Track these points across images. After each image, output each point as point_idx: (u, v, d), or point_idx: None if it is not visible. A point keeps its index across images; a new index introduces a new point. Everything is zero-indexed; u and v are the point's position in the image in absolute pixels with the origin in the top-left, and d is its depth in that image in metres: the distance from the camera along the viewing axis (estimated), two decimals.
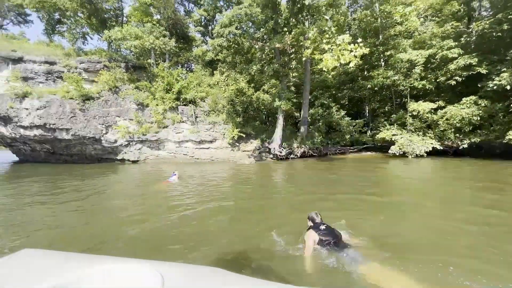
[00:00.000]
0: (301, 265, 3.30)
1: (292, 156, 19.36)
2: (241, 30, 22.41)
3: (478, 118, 15.63)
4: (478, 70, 15.16)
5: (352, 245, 3.49)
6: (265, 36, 17.68)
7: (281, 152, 18.73)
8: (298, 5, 16.33)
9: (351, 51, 12.07)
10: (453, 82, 16.20)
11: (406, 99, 19.67)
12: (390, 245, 3.84)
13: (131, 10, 24.93)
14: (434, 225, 4.86)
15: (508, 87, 13.46)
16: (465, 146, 16.47)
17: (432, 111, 17.94)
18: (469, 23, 19.39)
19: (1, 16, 28.44)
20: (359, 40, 11.99)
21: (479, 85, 15.56)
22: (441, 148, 17.51)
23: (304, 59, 16.23)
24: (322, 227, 3.58)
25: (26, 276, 1.02)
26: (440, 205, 6.22)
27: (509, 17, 13.92)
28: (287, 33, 14.65)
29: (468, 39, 16.78)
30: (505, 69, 13.76)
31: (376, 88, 22.14)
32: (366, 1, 15.90)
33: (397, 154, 17.72)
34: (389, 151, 18.09)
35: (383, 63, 22.15)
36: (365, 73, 23.63)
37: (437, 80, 17.35)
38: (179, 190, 8.58)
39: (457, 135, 17.08)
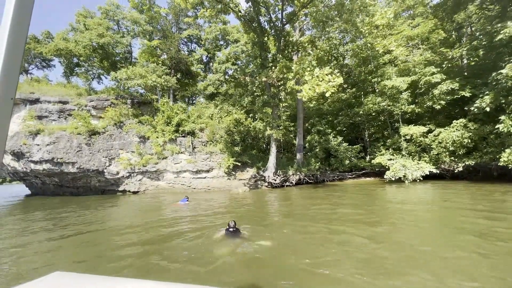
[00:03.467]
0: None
1: (287, 183, 19.45)
2: (237, 65, 24.12)
3: (469, 141, 15.52)
4: (462, 94, 15.41)
5: (244, 237, 5.86)
6: (255, 70, 19.01)
7: (275, 180, 18.92)
8: (284, 42, 17.69)
9: (330, 81, 12.82)
10: (438, 106, 16.43)
11: (399, 124, 19.87)
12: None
13: (139, 53, 27.50)
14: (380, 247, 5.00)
15: (488, 109, 13.56)
16: (460, 169, 16.17)
17: (425, 134, 17.96)
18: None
19: (27, 62, 32.07)
20: (336, 71, 12.76)
21: (465, 108, 15.71)
22: (438, 172, 17.22)
23: (288, 90, 17.19)
24: (231, 229, 5.96)
25: None
26: (398, 230, 6.29)
27: (483, 43, 14.49)
28: (273, 67, 15.76)
29: (449, 64, 17.27)
30: (487, 92, 13.96)
31: (373, 113, 22.53)
32: (351, 35, 17.04)
33: (393, 179, 17.52)
34: (384, 177, 17.93)
35: (377, 90, 22.78)
36: (361, 99, 24.23)
37: (425, 105, 17.64)
38: (188, 212, 10.13)
39: (452, 158, 16.86)
